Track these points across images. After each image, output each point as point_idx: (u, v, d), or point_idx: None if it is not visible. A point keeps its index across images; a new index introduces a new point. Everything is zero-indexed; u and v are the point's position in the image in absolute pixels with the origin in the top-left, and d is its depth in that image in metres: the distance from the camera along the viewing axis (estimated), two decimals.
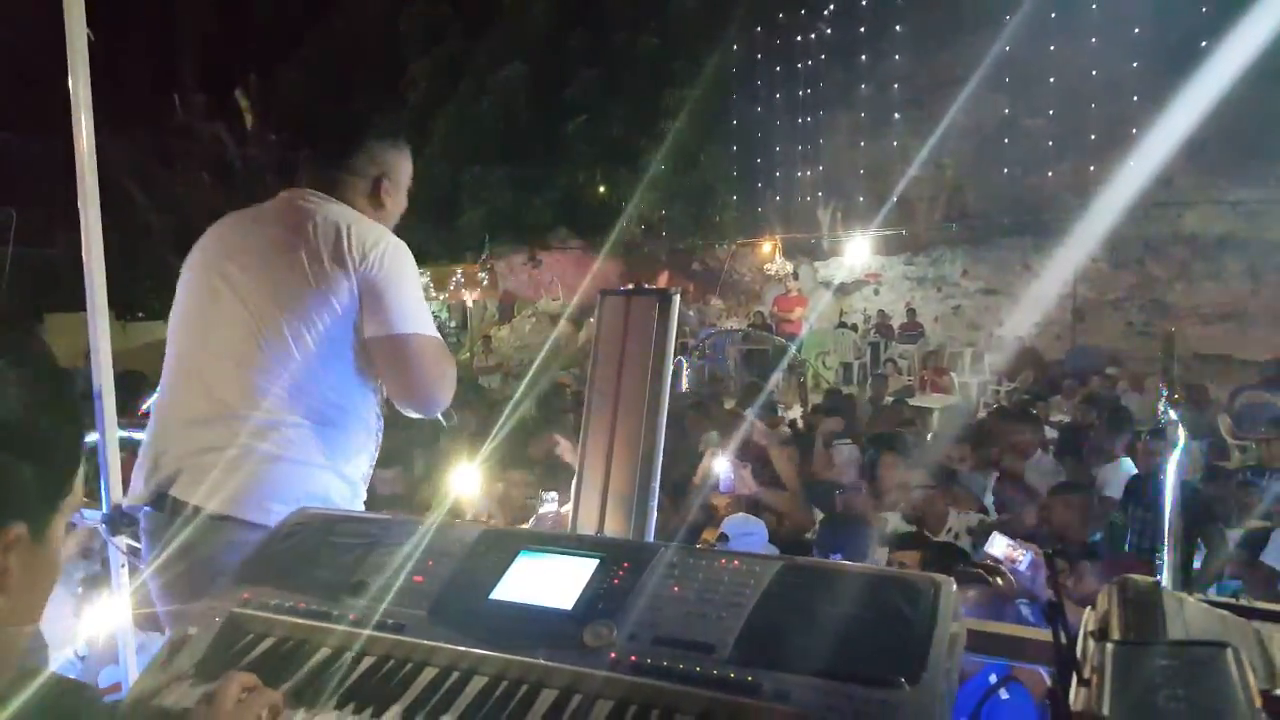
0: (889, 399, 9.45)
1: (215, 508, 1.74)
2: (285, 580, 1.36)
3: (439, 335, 1.93)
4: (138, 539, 2.00)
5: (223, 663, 1.25)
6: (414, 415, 1.94)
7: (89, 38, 2.18)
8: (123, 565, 2.40)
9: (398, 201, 2.04)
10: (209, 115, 19.53)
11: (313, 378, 1.80)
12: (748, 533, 4.02)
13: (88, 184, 2.24)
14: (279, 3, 20.23)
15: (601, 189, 18.73)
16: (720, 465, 4.37)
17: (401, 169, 2.05)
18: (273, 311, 1.80)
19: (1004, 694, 2.39)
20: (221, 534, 1.72)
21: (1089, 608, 1.01)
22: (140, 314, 15.69)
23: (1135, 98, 13.66)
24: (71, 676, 0.99)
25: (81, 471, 0.79)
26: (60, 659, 2.93)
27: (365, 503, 1.97)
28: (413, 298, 1.87)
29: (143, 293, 15.16)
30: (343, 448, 1.86)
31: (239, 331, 1.81)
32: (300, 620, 1.29)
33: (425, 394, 1.89)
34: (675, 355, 1.73)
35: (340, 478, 1.87)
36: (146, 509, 1.86)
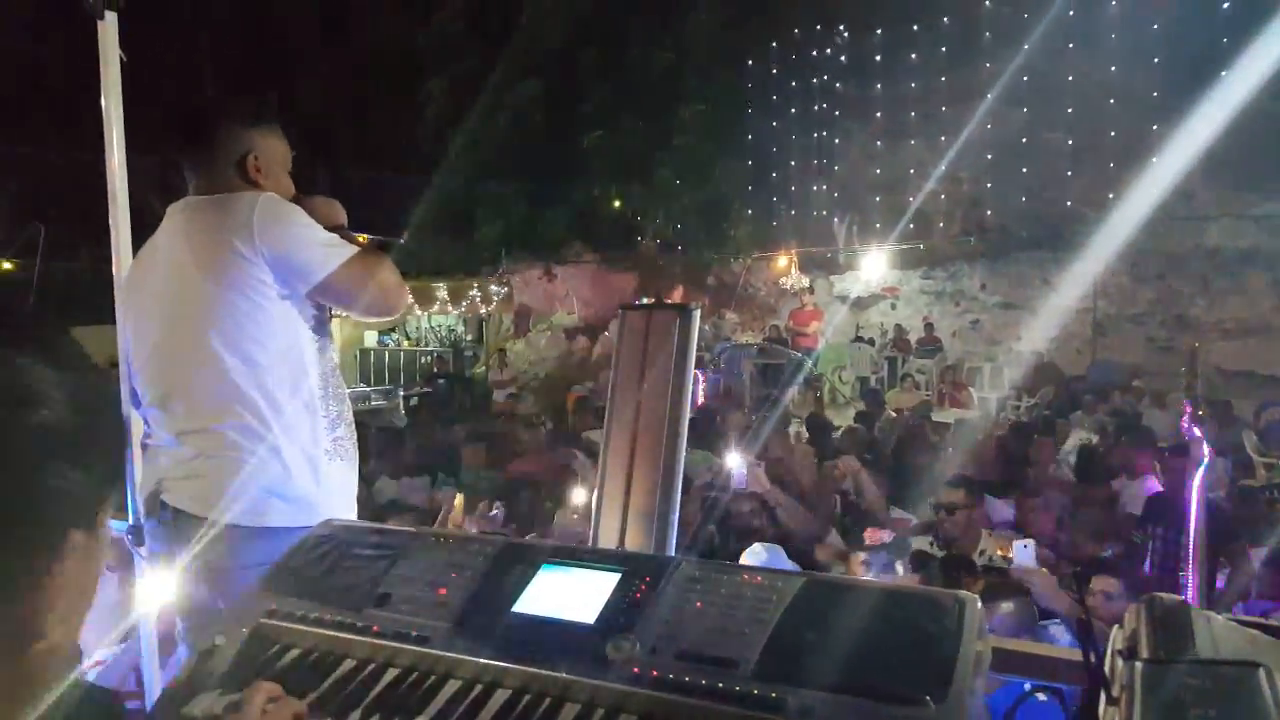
0: (909, 413, 9.39)
1: (186, 507, 1.85)
2: (311, 592, 1.38)
3: (352, 248, 1.92)
4: None
5: (249, 673, 1.27)
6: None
7: (121, 59, 2.21)
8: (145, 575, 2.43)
9: (274, 180, 2.00)
10: None
11: (240, 374, 1.84)
12: (768, 564, 3.82)
13: (119, 200, 2.28)
14: (300, 21, 20.49)
15: (616, 203, 18.76)
16: (734, 461, 4.35)
17: (268, 146, 2.01)
18: (186, 326, 1.87)
19: (1041, 696, 2.35)
20: (190, 531, 1.83)
21: (1116, 626, 1.00)
22: None
23: (1154, 111, 13.58)
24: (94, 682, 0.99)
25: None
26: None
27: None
28: (310, 241, 1.88)
29: None
30: (289, 431, 1.89)
31: (167, 357, 1.92)
32: (325, 632, 1.30)
33: (374, 312, 2.02)
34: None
35: (293, 461, 1.89)
36: (149, 520, 1.98)
